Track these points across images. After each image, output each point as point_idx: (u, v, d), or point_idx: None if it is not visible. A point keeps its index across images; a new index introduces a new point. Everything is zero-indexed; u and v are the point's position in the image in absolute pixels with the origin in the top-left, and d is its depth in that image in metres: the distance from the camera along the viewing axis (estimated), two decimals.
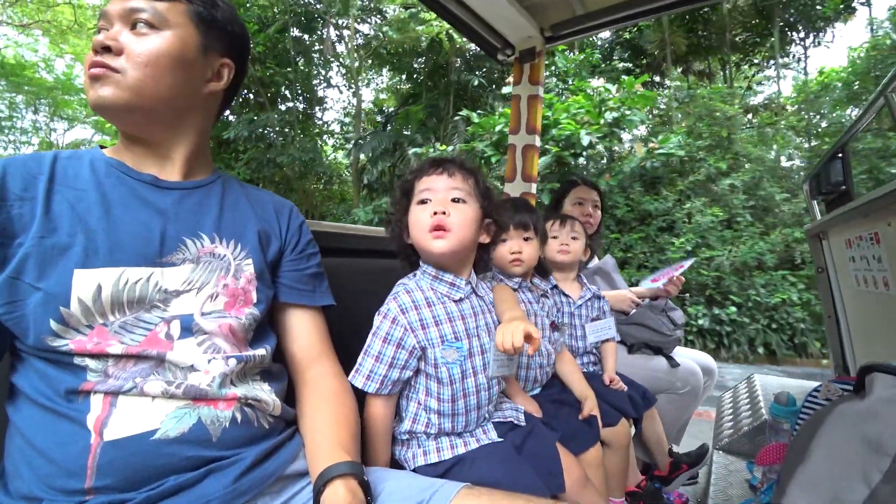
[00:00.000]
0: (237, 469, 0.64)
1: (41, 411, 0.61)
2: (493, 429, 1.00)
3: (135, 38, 0.69)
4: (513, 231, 1.29)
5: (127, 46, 0.69)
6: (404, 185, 1.01)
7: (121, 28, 0.70)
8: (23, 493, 0.59)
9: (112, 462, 0.59)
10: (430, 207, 0.94)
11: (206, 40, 0.75)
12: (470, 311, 0.99)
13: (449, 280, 0.99)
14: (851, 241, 1.47)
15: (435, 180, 0.95)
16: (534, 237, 1.32)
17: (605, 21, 2.25)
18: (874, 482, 0.55)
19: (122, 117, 0.72)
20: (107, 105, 0.68)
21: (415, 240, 0.98)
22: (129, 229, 0.67)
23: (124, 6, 0.70)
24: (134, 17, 0.70)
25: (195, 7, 0.73)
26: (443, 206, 0.93)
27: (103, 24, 0.71)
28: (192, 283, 0.70)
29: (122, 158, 0.74)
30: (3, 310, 0.60)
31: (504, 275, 1.34)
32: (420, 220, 0.95)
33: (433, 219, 0.92)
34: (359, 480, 0.65)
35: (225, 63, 0.79)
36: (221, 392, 0.67)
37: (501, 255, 1.30)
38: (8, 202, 0.62)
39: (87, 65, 0.69)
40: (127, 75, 0.68)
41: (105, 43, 0.67)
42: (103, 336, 0.63)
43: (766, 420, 1.53)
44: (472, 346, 0.96)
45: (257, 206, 0.85)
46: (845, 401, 0.66)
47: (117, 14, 0.70)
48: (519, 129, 2.39)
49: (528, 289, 1.35)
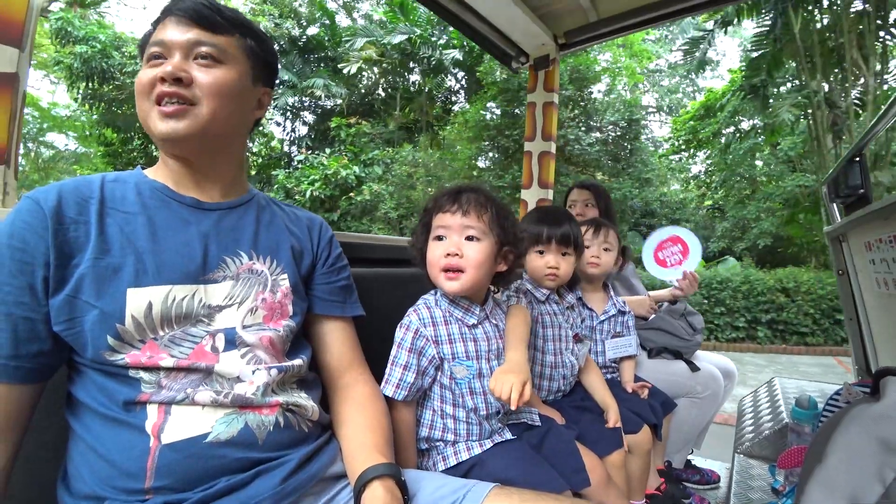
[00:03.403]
0: (284, 471, 0.68)
1: (101, 420, 0.65)
2: (507, 430, 1.04)
3: (202, 70, 0.72)
4: (554, 245, 1.29)
5: (196, 77, 0.72)
6: (424, 218, 1.04)
7: (182, 59, 0.72)
8: (85, 493, 0.64)
9: (170, 464, 0.63)
10: (444, 246, 0.97)
11: (254, 72, 0.80)
12: (483, 336, 1.02)
13: (464, 306, 1.02)
14: (871, 244, 1.47)
15: (449, 218, 0.98)
16: (572, 253, 1.32)
17: (619, 27, 2.27)
18: (888, 481, 0.57)
19: (190, 146, 0.75)
20: (181, 137, 0.72)
21: (430, 274, 1.02)
22: (175, 250, 0.71)
23: (188, 38, 0.72)
24: (197, 49, 0.72)
25: (248, 41, 0.79)
26: (456, 247, 0.96)
27: (159, 51, 0.72)
28: (233, 298, 0.75)
29: (164, 181, 0.78)
30: (63, 326, 0.64)
31: (534, 284, 1.36)
32: (434, 258, 0.99)
33: (446, 260, 0.96)
34: (396, 481, 0.69)
35: (266, 92, 0.85)
36: (265, 400, 0.71)
37: (537, 267, 1.31)
38: (65, 226, 0.66)
39: (153, 94, 0.71)
40: (201, 106, 0.72)
41: (177, 74, 0.70)
42: (155, 350, 0.67)
43: (788, 423, 1.53)
44: (482, 367, 1.00)
45: (290, 222, 0.90)
46: (861, 403, 0.68)
47: (179, 45, 0.72)
48: (535, 136, 2.43)
49: (554, 301, 1.37)
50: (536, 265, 1.32)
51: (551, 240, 1.29)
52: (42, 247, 0.64)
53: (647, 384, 1.56)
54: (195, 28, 0.73)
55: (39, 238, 0.64)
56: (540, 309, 1.34)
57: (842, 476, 0.63)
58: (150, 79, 0.71)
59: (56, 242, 0.64)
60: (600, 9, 2.27)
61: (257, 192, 0.90)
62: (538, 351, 1.32)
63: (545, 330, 1.33)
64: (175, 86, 0.70)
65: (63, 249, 0.65)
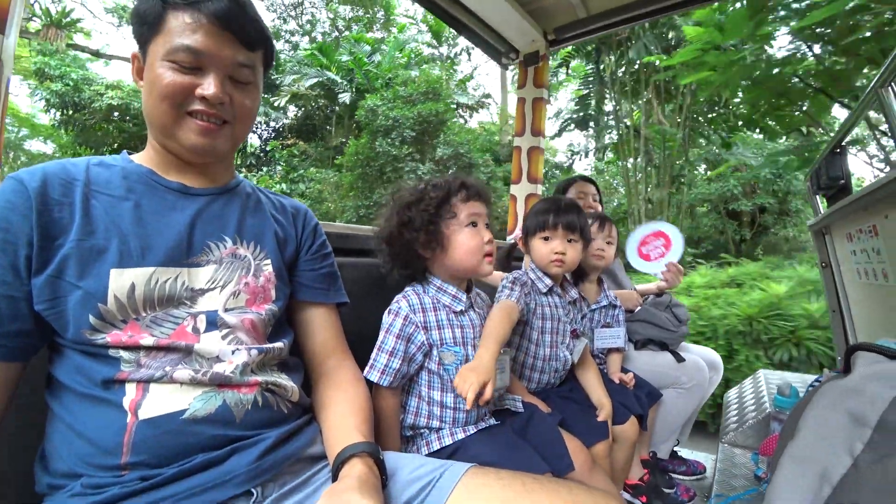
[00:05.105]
0: (259, 448, 0.68)
1: (79, 398, 0.65)
2: (491, 417, 1.05)
3: (239, 92, 0.75)
4: (560, 231, 1.30)
5: (233, 100, 0.75)
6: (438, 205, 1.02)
7: (221, 77, 0.72)
8: (62, 471, 0.64)
9: (146, 440, 0.63)
10: (483, 233, 1.02)
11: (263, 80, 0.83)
12: (469, 323, 1.04)
13: (452, 293, 1.04)
14: (852, 235, 1.49)
15: (480, 207, 1.04)
16: (579, 240, 1.33)
17: (608, 24, 2.29)
18: (857, 452, 0.58)
19: (214, 159, 0.79)
20: (215, 154, 0.76)
21: (460, 259, 1.02)
22: (159, 233, 0.72)
23: (232, 58, 0.73)
24: (237, 71, 0.74)
25: (267, 54, 0.81)
26: (489, 234, 1.03)
27: (192, 61, 0.70)
28: (216, 281, 0.75)
29: (151, 166, 0.78)
30: (45, 306, 0.64)
31: (537, 275, 1.35)
32: (476, 244, 1.02)
33: (489, 246, 1.02)
34: (374, 459, 0.69)
35: None
36: (244, 378, 0.71)
37: (543, 253, 1.31)
38: (49, 207, 0.66)
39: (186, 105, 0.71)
40: (234, 125, 0.76)
41: (223, 99, 0.72)
42: (136, 330, 0.67)
43: (770, 412, 1.55)
44: (469, 354, 1.01)
45: (275, 210, 0.90)
46: (832, 380, 0.70)
47: (219, 62, 0.72)
48: (524, 131, 2.44)
49: (557, 294, 1.37)
50: (542, 252, 1.32)
51: (557, 226, 1.29)
52: (26, 227, 0.64)
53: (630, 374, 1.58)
54: (236, 44, 0.73)
55: (23, 218, 0.64)
56: (540, 300, 1.34)
57: (813, 450, 0.64)
58: (182, 88, 0.70)
59: (40, 223, 0.65)
60: (589, 5, 2.29)
61: (244, 179, 0.91)
62: (532, 343, 1.33)
63: (543, 322, 1.33)
64: (217, 108, 0.73)
65: (47, 230, 0.65)
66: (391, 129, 10.80)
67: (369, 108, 11.18)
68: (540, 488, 0.67)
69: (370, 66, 13.59)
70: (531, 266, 1.38)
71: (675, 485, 1.66)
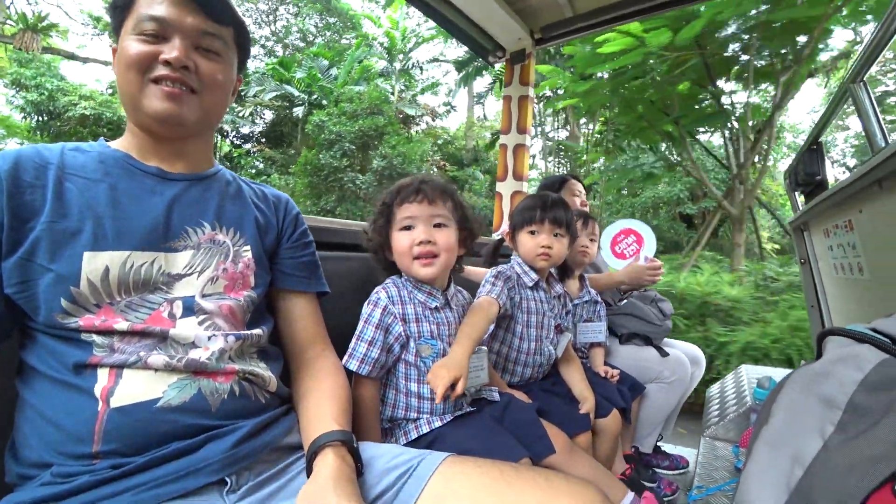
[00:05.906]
0: (235, 437, 0.67)
1: (50, 384, 0.64)
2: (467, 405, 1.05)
3: (205, 60, 0.74)
4: (547, 225, 1.31)
5: (199, 68, 0.74)
6: (384, 211, 1.05)
7: (185, 44, 0.72)
8: (32, 460, 0.62)
9: (118, 428, 0.62)
10: (415, 235, 0.99)
11: (237, 62, 0.82)
12: (444, 320, 1.04)
13: (427, 290, 1.04)
14: (829, 231, 1.52)
15: (416, 208, 1.00)
16: (565, 235, 1.34)
17: (594, 23, 2.31)
18: (828, 434, 0.59)
19: (182, 130, 0.77)
20: (182, 122, 0.74)
21: (399, 263, 1.03)
22: (136, 217, 0.71)
23: (194, 25, 0.72)
24: (202, 40, 0.74)
25: (240, 34, 0.80)
26: (427, 234, 0.98)
27: (156, 29, 0.71)
28: (193, 267, 0.74)
29: (128, 150, 0.77)
30: (16, 289, 0.63)
31: (523, 269, 1.36)
32: (404, 247, 1.00)
33: (419, 248, 0.98)
34: (348, 448, 0.69)
35: (239, 79, 0.87)
36: (220, 366, 0.70)
37: (529, 248, 1.32)
38: (21, 189, 0.65)
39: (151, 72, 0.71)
40: (203, 97, 0.75)
41: (185, 63, 0.71)
42: (110, 314, 0.66)
43: (750, 405, 1.58)
44: (446, 348, 1.01)
45: (256, 198, 0.89)
46: (804, 366, 0.71)
47: (183, 30, 0.72)
48: (510, 129, 2.45)
49: (542, 289, 1.38)
50: (528, 246, 1.33)
51: (544, 220, 1.31)
52: None
53: (617, 370, 1.60)
54: (201, 14, 0.73)
55: None
56: (525, 295, 1.34)
57: (785, 434, 0.65)
58: (146, 55, 0.70)
59: (10, 205, 0.64)
60: (576, 5, 2.31)
61: (223, 167, 0.90)
62: (517, 337, 1.33)
63: (528, 316, 1.34)
64: (180, 72, 0.71)
65: (18, 212, 0.64)
66: (334, 143, 11.77)
67: (316, 124, 12.17)
68: (517, 476, 0.67)
69: (324, 82, 14.39)
70: (517, 260, 1.38)
71: (658, 479, 1.67)
